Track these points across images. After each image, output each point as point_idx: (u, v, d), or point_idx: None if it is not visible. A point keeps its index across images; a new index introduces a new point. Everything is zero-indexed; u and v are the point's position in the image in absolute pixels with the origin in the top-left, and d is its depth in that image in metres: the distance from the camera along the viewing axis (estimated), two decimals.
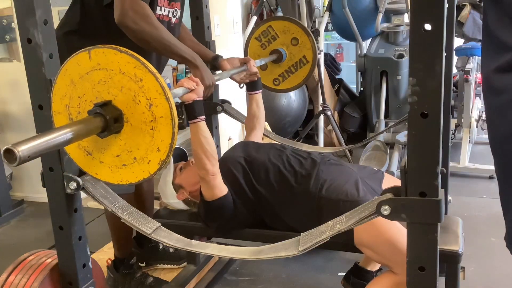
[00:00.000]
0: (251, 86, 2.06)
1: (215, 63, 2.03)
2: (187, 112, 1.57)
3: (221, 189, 1.68)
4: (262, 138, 2.15)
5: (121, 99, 1.08)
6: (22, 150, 0.88)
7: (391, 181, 1.78)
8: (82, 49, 1.08)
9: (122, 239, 2.08)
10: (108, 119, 1.07)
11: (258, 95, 2.07)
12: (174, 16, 1.84)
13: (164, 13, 1.79)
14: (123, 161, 1.13)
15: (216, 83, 2.18)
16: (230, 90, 2.49)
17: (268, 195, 1.70)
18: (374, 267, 1.91)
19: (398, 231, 1.48)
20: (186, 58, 1.67)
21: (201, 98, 1.58)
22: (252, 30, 2.36)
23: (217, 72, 1.86)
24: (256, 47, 2.34)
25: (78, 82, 1.10)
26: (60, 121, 1.17)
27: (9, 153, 0.87)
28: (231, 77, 2.00)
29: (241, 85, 2.10)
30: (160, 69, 1.95)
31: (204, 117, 1.60)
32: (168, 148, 1.07)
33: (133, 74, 1.05)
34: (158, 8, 1.75)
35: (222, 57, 2.04)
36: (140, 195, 2.15)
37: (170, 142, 1.06)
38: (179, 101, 1.92)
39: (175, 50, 1.64)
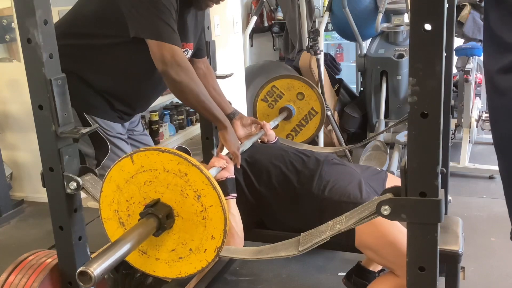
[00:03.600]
0: None
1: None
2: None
3: None
4: None
5: (169, 196, 1.11)
6: (95, 270, 0.92)
7: (394, 181, 1.77)
8: (124, 156, 1.12)
9: None
10: (161, 218, 1.09)
11: None
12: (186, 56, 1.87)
13: None
14: (179, 254, 1.14)
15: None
16: (230, 90, 2.50)
17: (269, 197, 1.69)
18: (376, 267, 1.90)
19: (400, 234, 1.47)
20: (217, 118, 1.75)
21: (233, 176, 1.61)
22: (257, 92, 2.43)
23: (241, 144, 1.88)
24: (264, 108, 2.41)
25: (124, 186, 1.14)
26: (111, 227, 1.19)
27: (83, 275, 0.91)
28: None
29: None
30: (156, 95, 1.99)
31: (235, 195, 1.61)
32: (222, 234, 1.09)
33: (178, 170, 1.08)
34: None
35: (238, 115, 2.05)
36: None
37: (223, 228, 1.09)
38: (177, 100, 1.89)
39: (209, 109, 1.71)
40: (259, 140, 2.05)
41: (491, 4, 1.01)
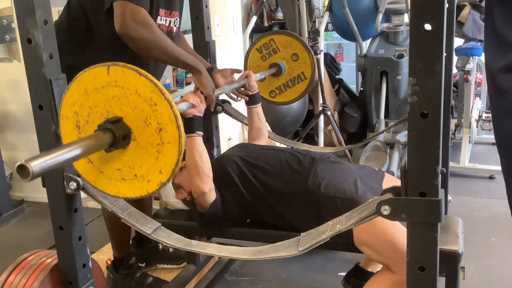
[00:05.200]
0: (251, 100, 2.06)
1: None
2: (186, 125, 1.59)
3: (210, 199, 1.69)
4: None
5: (132, 118, 1.10)
6: (35, 165, 0.90)
7: (391, 180, 1.78)
8: (102, 63, 1.10)
9: (121, 240, 2.08)
10: (117, 137, 1.09)
11: (259, 108, 2.08)
12: (175, 25, 1.85)
13: (164, 23, 1.80)
14: (123, 175, 1.14)
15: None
16: None
17: (266, 194, 1.71)
18: (375, 268, 1.90)
19: (397, 230, 1.48)
20: (189, 64, 1.70)
21: (202, 115, 1.61)
22: (254, 41, 2.40)
23: (220, 88, 1.89)
24: (256, 58, 2.37)
25: (92, 93, 1.13)
26: (66, 126, 1.18)
27: (22, 169, 0.90)
28: (226, 94, 2.01)
29: (238, 98, 2.09)
30: (157, 77, 1.96)
31: (201, 133, 1.62)
32: (170, 173, 1.09)
33: (149, 98, 1.07)
34: (159, 18, 1.76)
35: (216, 68, 2.04)
36: None
37: (173, 167, 1.08)
38: (177, 100, 1.85)
39: (178, 57, 1.67)
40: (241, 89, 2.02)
41: (494, 2, 1.00)
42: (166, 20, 1.79)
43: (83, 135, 1.15)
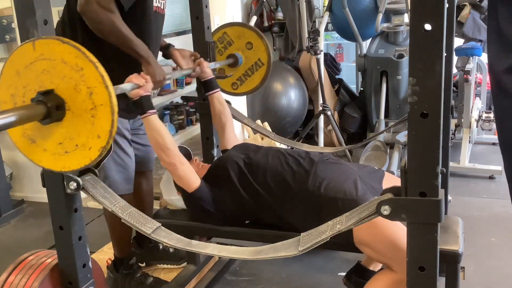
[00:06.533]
0: (208, 87, 2.06)
1: (166, 52, 2.06)
2: (137, 107, 1.63)
3: (190, 180, 1.71)
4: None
5: (63, 88, 1.11)
6: None
7: (392, 180, 1.78)
8: (27, 40, 1.11)
9: (122, 239, 2.08)
10: (49, 107, 1.10)
11: (218, 93, 2.08)
12: (165, 8, 1.90)
13: (160, 6, 1.84)
14: (66, 148, 1.15)
15: None
16: None
17: (266, 196, 1.71)
18: (376, 267, 1.90)
19: (397, 229, 1.48)
20: (140, 55, 1.72)
21: (149, 93, 1.62)
22: None
23: (169, 73, 1.90)
24: None
25: (23, 72, 1.14)
26: None
27: None
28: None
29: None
30: None
31: (154, 110, 1.64)
32: (108, 135, 1.10)
33: (75, 64, 1.08)
34: (155, 0, 1.80)
35: (173, 46, 2.07)
36: (139, 195, 2.15)
37: (109, 129, 1.09)
38: (177, 100, 1.85)
39: (131, 46, 1.70)
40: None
41: (500, 3, 1.00)
42: (161, 3, 1.84)
43: None
